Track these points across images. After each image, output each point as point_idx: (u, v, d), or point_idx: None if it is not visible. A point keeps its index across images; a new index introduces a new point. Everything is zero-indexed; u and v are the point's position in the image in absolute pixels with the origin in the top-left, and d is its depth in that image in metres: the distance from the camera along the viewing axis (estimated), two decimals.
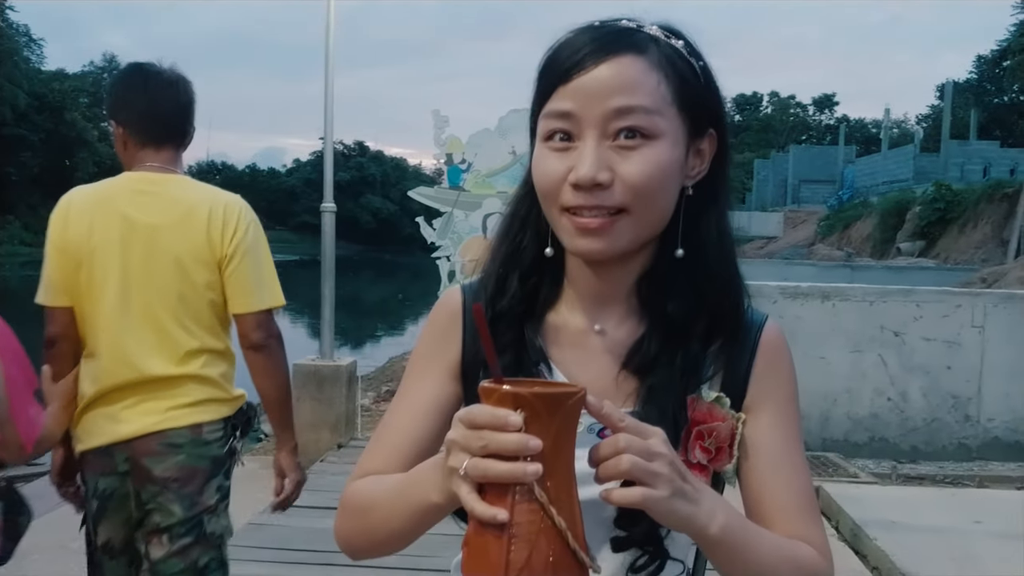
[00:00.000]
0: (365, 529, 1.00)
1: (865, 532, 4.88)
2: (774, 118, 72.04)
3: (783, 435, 1.04)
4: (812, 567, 0.98)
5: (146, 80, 2.45)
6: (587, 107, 0.92)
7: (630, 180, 0.92)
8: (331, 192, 6.56)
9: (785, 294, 7.27)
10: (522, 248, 1.06)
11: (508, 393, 0.75)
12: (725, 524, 0.87)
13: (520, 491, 0.75)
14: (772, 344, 1.06)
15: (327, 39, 6.40)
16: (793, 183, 39.40)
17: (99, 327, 2.31)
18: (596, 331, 1.05)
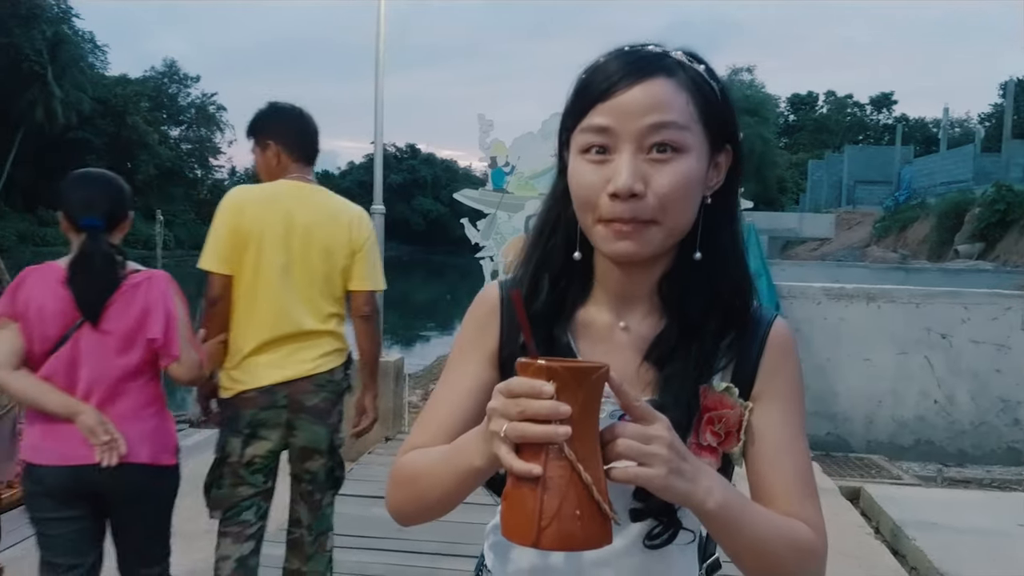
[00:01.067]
0: (415, 496, 1.11)
1: (905, 532, 4.88)
2: (829, 118, 70.87)
3: (786, 423, 1.14)
4: (806, 543, 1.08)
5: (300, 113, 3.26)
6: (624, 123, 1.02)
7: (661, 191, 1.03)
8: (380, 194, 6.74)
9: (829, 295, 7.27)
10: (553, 252, 1.16)
11: (542, 366, 0.87)
12: (722, 500, 0.97)
13: (552, 451, 0.86)
14: (780, 340, 1.16)
15: (377, 42, 6.56)
16: (848, 184, 38.74)
17: (262, 294, 3.00)
18: (621, 327, 1.16)
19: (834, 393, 7.21)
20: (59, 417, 2.52)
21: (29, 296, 2.53)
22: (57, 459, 2.53)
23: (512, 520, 0.89)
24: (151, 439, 2.63)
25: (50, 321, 2.53)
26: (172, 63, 70.06)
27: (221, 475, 3.06)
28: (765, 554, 1.04)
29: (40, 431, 2.56)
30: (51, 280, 2.56)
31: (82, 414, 2.51)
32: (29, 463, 2.57)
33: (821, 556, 1.10)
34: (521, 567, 1.18)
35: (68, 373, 2.55)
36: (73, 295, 2.54)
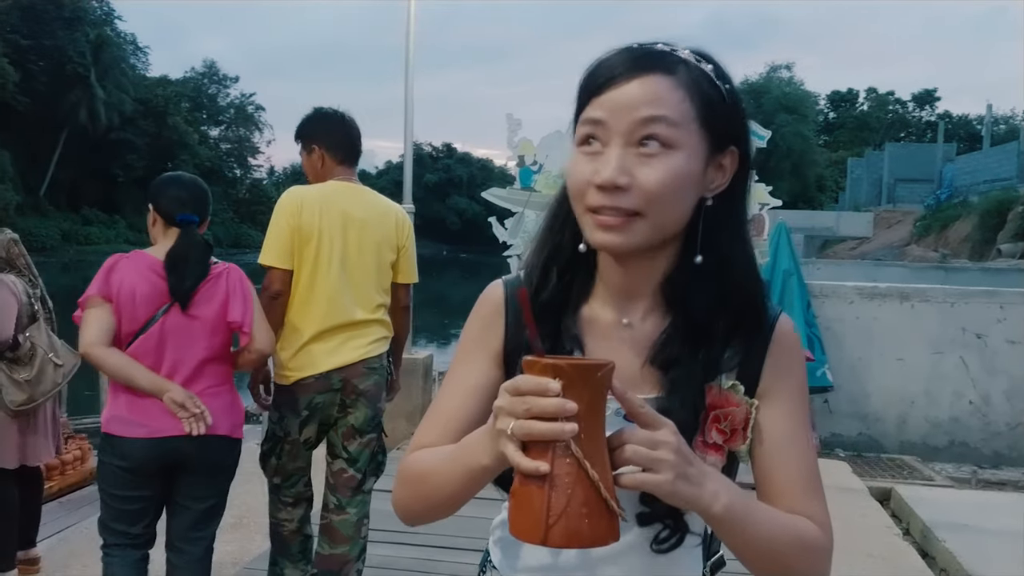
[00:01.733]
0: (421, 495, 1.12)
1: (935, 534, 4.83)
2: (870, 115, 69.85)
3: (792, 421, 1.14)
4: (812, 540, 1.08)
5: (342, 118, 3.47)
6: (616, 116, 1.02)
7: (646, 185, 1.01)
8: (410, 193, 6.81)
9: (862, 295, 7.19)
10: (561, 245, 1.16)
11: (548, 364, 0.88)
12: (728, 504, 0.97)
13: (559, 448, 0.86)
14: (784, 338, 1.16)
15: (407, 42, 6.61)
16: (889, 182, 38.16)
17: (319, 287, 3.21)
18: (624, 324, 1.15)
19: (866, 393, 7.13)
20: (146, 394, 2.71)
21: (122, 280, 2.74)
22: (146, 432, 2.73)
23: (520, 518, 0.90)
24: (227, 413, 2.90)
25: (141, 304, 2.75)
26: (212, 64, 71.13)
27: (281, 450, 3.30)
28: (771, 553, 1.05)
29: (126, 406, 2.76)
30: (142, 267, 2.79)
31: (170, 391, 2.74)
32: (115, 436, 2.75)
33: (827, 552, 1.11)
34: (530, 564, 1.19)
35: (155, 353, 2.79)
36: (168, 282, 2.79)
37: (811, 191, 58.09)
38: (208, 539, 2.97)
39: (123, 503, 2.79)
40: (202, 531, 2.94)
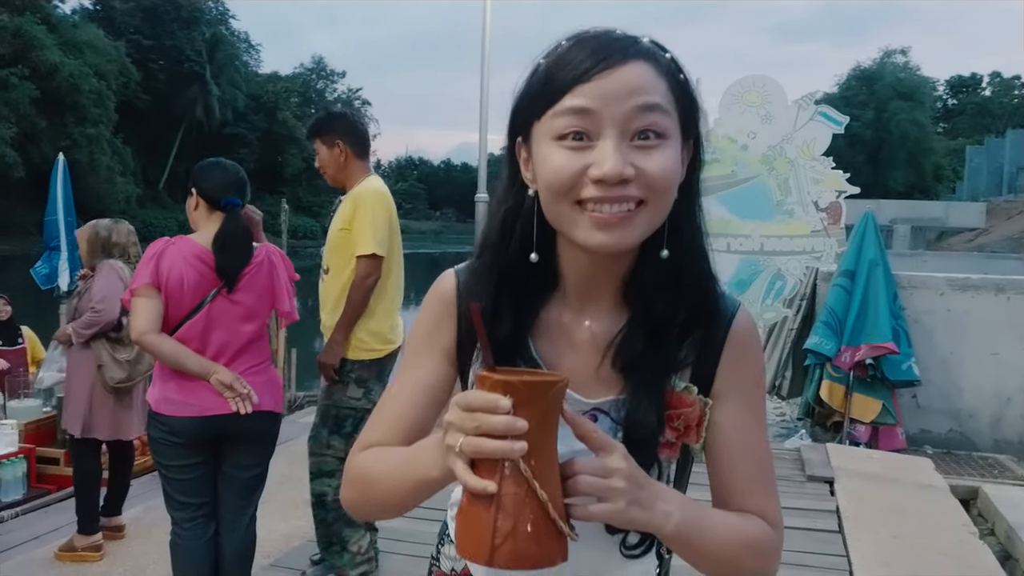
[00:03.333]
0: (371, 499, 1.12)
1: (1019, 535, 4.63)
2: (993, 101, 66.51)
3: (746, 418, 1.12)
4: (764, 542, 1.09)
5: (357, 114, 3.73)
6: (607, 106, 0.95)
7: (652, 175, 0.97)
8: (484, 183, 6.91)
9: (953, 286, 6.90)
10: (511, 257, 1.09)
11: (499, 381, 0.84)
12: (680, 522, 0.98)
13: (508, 467, 0.84)
14: (741, 335, 1.12)
15: (484, 37, 6.68)
16: (1010, 171, 36.20)
17: (395, 271, 3.59)
18: (585, 325, 1.11)
19: (958, 389, 6.84)
20: (193, 376, 2.87)
21: (171, 268, 2.88)
22: (196, 411, 2.89)
23: (466, 537, 0.88)
24: (269, 390, 3.05)
25: (188, 292, 2.89)
26: (320, 59, 73.24)
27: (359, 429, 3.41)
28: (723, 559, 1.05)
29: (175, 388, 2.90)
30: (189, 254, 2.91)
31: (217, 373, 2.88)
32: (165, 415, 2.90)
33: (776, 550, 1.12)
34: None
35: (201, 337, 2.92)
36: (217, 264, 2.91)
37: (927, 181, 55.78)
38: (252, 509, 3.11)
39: (181, 472, 2.94)
40: (247, 500, 3.08)
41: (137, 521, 4.57)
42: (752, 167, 5.92)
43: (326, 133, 3.64)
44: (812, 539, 4.44)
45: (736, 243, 5.93)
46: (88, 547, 4.16)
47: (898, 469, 5.85)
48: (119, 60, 45.24)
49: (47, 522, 4.77)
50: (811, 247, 5.86)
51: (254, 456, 3.05)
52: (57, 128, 38.85)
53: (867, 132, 51.93)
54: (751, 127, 5.93)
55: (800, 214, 5.84)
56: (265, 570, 3.87)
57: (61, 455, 5.47)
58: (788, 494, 5.24)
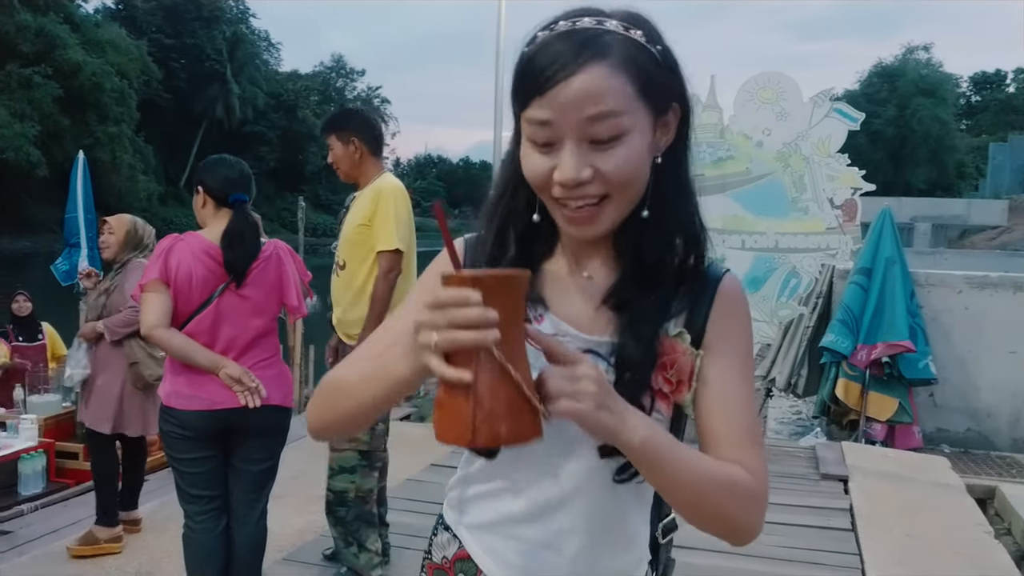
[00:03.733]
0: (335, 404, 1.15)
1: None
2: (1017, 97, 65.69)
3: (733, 372, 1.15)
4: (740, 484, 1.08)
5: (372, 112, 3.71)
6: (563, 116, 1.03)
7: (608, 175, 1.05)
8: None
9: (972, 284, 6.85)
10: (516, 213, 1.18)
11: (467, 276, 0.91)
12: (647, 437, 1.00)
13: (482, 356, 0.90)
14: (729, 293, 1.18)
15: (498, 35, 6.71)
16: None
17: (408, 266, 3.59)
18: (585, 276, 1.18)
19: (975, 387, 6.80)
20: (203, 370, 2.90)
21: (179, 263, 2.91)
22: (206, 405, 2.91)
23: (446, 425, 0.93)
24: (278, 384, 3.06)
25: (197, 287, 2.92)
26: (339, 58, 73.62)
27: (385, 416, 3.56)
28: (694, 493, 1.05)
29: (185, 382, 2.93)
30: (198, 250, 2.95)
31: (226, 367, 2.91)
32: (175, 409, 2.93)
33: (757, 497, 1.10)
34: (481, 520, 1.23)
35: (210, 332, 2.95)
36: (225, 260, 2.94)
37: (949, 178, 55.29)
38: (263, 503, 3.14)
39: (192, 465, 2.97)
40: (257, 493, 3.10)
41: (153, 515, 4.62)
42: (767, 164, 5.90)
43: (341, 129, 3.67)
44: (825, 537, 4.43)
45: (751, 240, 5.90)
46: (110, 539, 4.21)
47: (914, 468, 5.83)
48: (141, 59, 45.62)
49: (66, 515, 4.82)
50: (826, 244, 5.83)
51: (264, 450, 3.07)
52: (80, 127, 39.22)
53: (889, 129, 51.53)
54: (766, 124, 5.90)
55: (815, 211, 5.81)
56: (278, 564, 3.91)
57: (80, 450, 5.54)
58: (802, 492, 5.23)
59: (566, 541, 1.17)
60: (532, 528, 1.18)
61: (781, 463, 5.91)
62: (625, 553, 1.21)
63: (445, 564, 1.27)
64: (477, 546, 1.24)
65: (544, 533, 1.18)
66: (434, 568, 1.29)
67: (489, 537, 1.22)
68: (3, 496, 5.17)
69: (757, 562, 4.07)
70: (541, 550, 1.18)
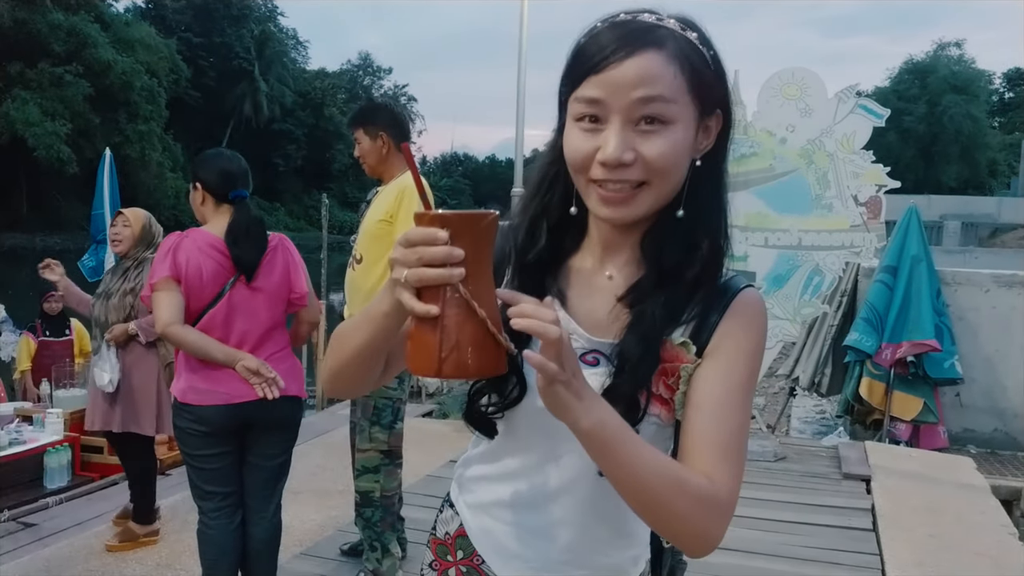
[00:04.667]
0: (337, 353, 1.18)
1: None
2: None
3: (725, 382, 1.11)
4: (696, 488, 1.03)
5: (402, 106, 3.68)
6: (614, 96, 1.06)
7: (650, 160, 1.07)
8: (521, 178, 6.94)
9: (999, 283, 6.76)
10: (551, 205, 1.21)
11: (436, 215, 0.95)
12: (599, 421, 0.98)
13: (449, 291, 0.94)
14: (744, 305, 1.15)
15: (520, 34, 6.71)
16: None
17: None
18: (606, 276, 1.19)
19: (1003, 387, 6.71)
20: (219, 364, 2.91)
21: (188, 259, 2.91)
22: (222, 399, 2.92)
23: (416, 356, 0.97)
24: (292, 375, 3.08)
25: (208, 283, 2.92)
26: (367, 56, 73.70)
27: (400, 415, 3.58)
28: (642, 487, 1.02)
29: (201, 378, 2.94)
30: (204, 245, 2.95)
31: (243, 360, 2.91)
32: (192, 405, 2.94)
33: (714, 504, 1.04)
34: (482, 500, 1.25)
35: (224, 326, 2.95)
36: (234, 257, 2.94)
37: (981, 176, 54.56)
38: (278, 497, 3.15)
39: (207, 462, 2.99)
40: (272, 488, 3.12)
41: (174, 510, 4.66)
42: (791, 161, 5.84)
43: (370, 123, 3.64)
44: (845, 537, 4.39)
45: (774, 237, 5.85)
46: (148, 534, 4.25)
47: (938, 468, 5.76)
48: (170, 57, 46.00)
49: (90, 509, 4.88)
50: (850, 242, 5.76)
51: (279, 444, 3.08)
52: (110, 125, 39.65)
53: (920, 127, 50.93)
54: (790, 120, 5.85)
55: (839, 208, 5.75)
56: (296, 559, 3.93)
57: (104, 444, 5.59)
58: (823, 492, 5.20)
59: (560, 531, 1.18)
60: (527, 515, 1.20)
61: (803, 462, 5.88)
62: (621, 550, 1.21)
63: (447, 540, 1.30)
64: (475, 525, 1.26)
65: (538, 521, 1.19)
66: (437, 543, 1.32)
67: (485, 518, 1.25)
68: (29, 489, 5.22)
69: (776, 561, 4.05)
70: (534, 537, 1.20)
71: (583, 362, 1.11)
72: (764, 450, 5.92)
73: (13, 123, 35.61)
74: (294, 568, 3.82)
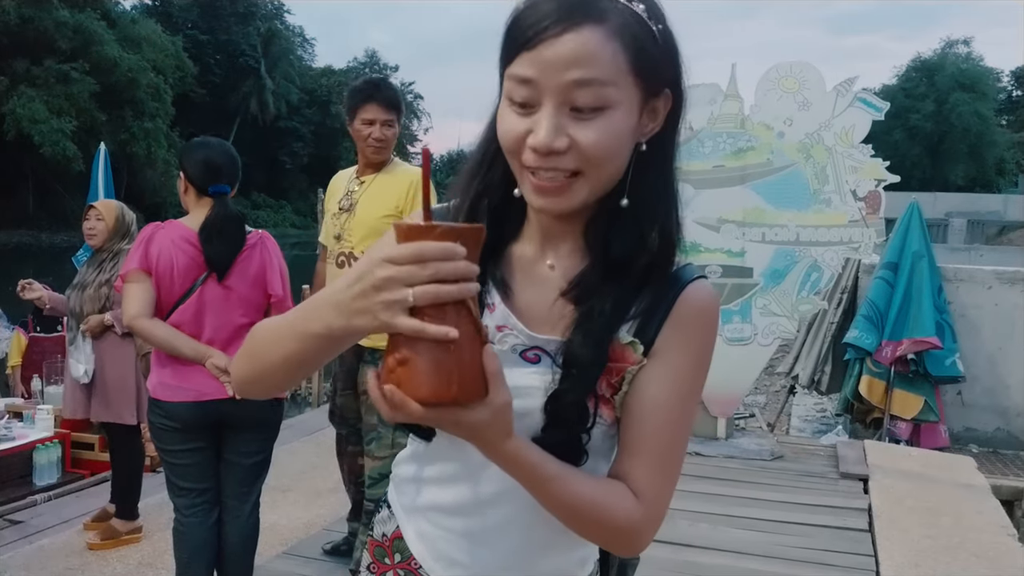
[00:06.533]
0: (254, 356, 1.08)
1: None
2: None
3: (668, 389, 1.05)
4: (622, 520, 1.02)
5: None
6: (547, 76, 0.96)
7: (585, 148, 0.98)
8: None
9: (1002, 280, 6.68)
10: (492, 186, 1.11)
11: (448, 229, 0.87)
12: (519, 461, 0.97)
13: (455, 310, 0.87)
14: (691, 302, 1.08)
15: None
16: None
17: None
18: (548, 265, 1.11)
19: (1005, 386, 6.62)
20: (188, 360, 2.84)
21: (160, 252, 2.85)
22: (192, 396, 2.86)
23: (425, 383, 0.87)
24: None
25: (179, 276, 2.86)
26: (373, 53, 73.67)
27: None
28: (567, 519, 1.03)
29: (171, 373, 2.89)
30: (177, 238, 2.88)
31: (212, 357, 2.83)
32: (162, 401, 2.89)
33: (636, 534, 1.04)
34: (418, 503, 1.18)
35: (194, 322, 2.88)
36: (205, 255, 2.86)
37: (989, 175, 54.30)
38: (255, 496, 3.08)
39: (181, 457, 2.93)
40: (249, 487, 3.05)
41: (159, 508, 4.61)
42: (788, 155, 5.75)
43: (398, 109, 3.42)
44: (840, 537, 4.32)
45: (771, 233, 5.76)
46: (131, 531, 4.20)
47: (938, 468, 5.68)
48: (176, 55, 46.01)
49: (78, 506, 4.83)
50: (848, 237, 5.67)
51: (255, 443, 3.01)
52: (116, 122, 39.69)
53: (927, 125, 50.72)
54: (788, 114, 5.76)
55: (837, 203, 5.66)
56: (278, 558, 3.88)
57: (96, 441, 5.56)
58: (819, 491, 5.12)
59: (500, 537, 1.12)
60: (465, 520, 1.13)
61: (800, 461, 5.80)
62: (565, 552, 1.14)
63: (384, 542, 1.23)
64: (410, 529, 1.19)
65: (477, 526, 1.12)
66: (375, 545, 1.24)
67: (422, 522, 1.17)
68: (18, 486, 5.19)
69: (768, 562, 3.98)
70: (473, 544, 1.13)
71: (523, 359, 1.06)
72: (761, 449, 5.85)
73: (19, 120, 35.70)
74: (275, 567, 3.76)
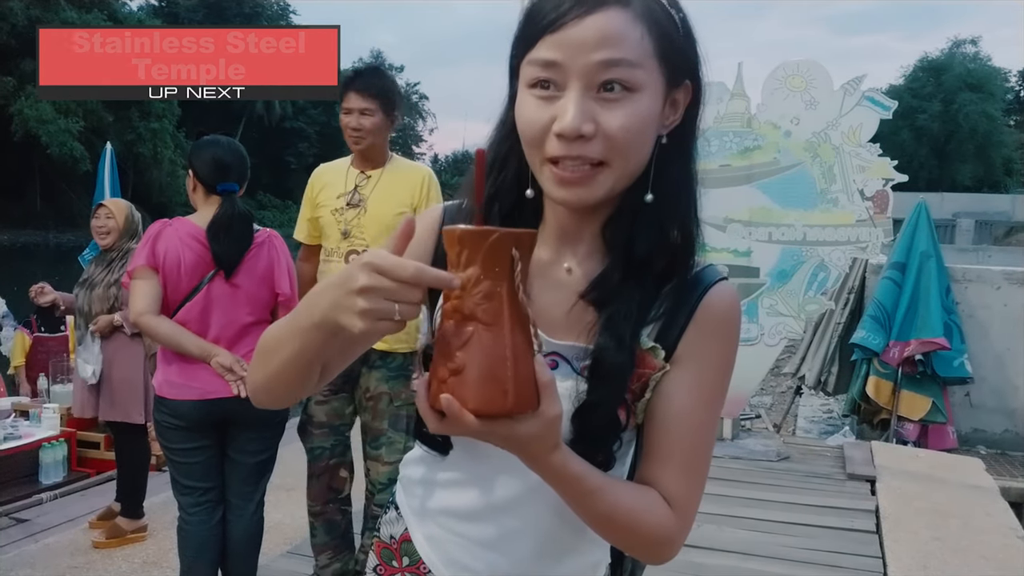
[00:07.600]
0: (263, 362, 1.04)
1: None
2: None
3: (694, 395, 1.04)
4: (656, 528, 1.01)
5: None
6: (573, 58, 0.94)
7: (612, 132, 0.95)
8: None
9: (1011, 280, 6.64)
10: (504, 188, 1.08)
11: (508, 234, 0.85)
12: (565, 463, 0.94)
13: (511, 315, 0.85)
14: (713, 306, 1.05)
15: None
16: None
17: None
18: (565, 269, 1.08)
19: (1014, 387, 6.59)
20: (194, 358, 2.83)
21: (167, 249, 2.85)
22: (197, 394, 2.85)
23: (479, 393, 0.83)
24: None
25: (186, 273, 2.85)
26: (378, 54, 73.75)
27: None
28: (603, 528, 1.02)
29: (177, 371, 2.88)
30: (185, 235, 2.88)
31: (217, 355, 2.83)
32: (168, 399, 2.88)
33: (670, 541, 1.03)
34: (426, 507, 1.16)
35: (200, 320, 2.88)
36: (213, 252, 2.86)
37: (997, 175, 54.11)
38: (260, 495, 3.07)
39: (185, 456, 2.92)
40: (254, 486, 3.04)
41: (164, 507, 4.60)
42: (795, 154, 5.73)
43: (388, 98, 3.21)
44: (847, 539, 4.29)
45: (778, 232, 5.73)
46: (136, 530, 4.20)
47: (946, 469, 5.64)
48: None
49: (84, 504, 4.84)
50: (856, 237, 5.64)
51: (259, 442, 3.00)
52: (123, 122, 39.86)
53: (934, 125, 50.54)
54: (795, 112, 5.73)
55: (845, 203, 5.63)
56: (282, 557, 3.87)
57: (101, 439, 5.56)
58: (826, 492, 5.09)
59: (514, 543, 1.09)
60: (478, 526, 1.10)
61: (807, 462, 5.77)
62: (579, 557, 1.12)
63: (392, 544, 1.20)
64: (419, 532, 1.16)
65: (490, 532, 1.10)
66: (382, 547, 1.22)
67: (432, 526, 1.15)
68: (24, 484, 5.19)
69: (775, 564, 3.95)
70: (484, 550, 1.10)
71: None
72: (767, 450, 5.83)
73: (27, 120, 35.90)
74: (279, 566, 3.76)
